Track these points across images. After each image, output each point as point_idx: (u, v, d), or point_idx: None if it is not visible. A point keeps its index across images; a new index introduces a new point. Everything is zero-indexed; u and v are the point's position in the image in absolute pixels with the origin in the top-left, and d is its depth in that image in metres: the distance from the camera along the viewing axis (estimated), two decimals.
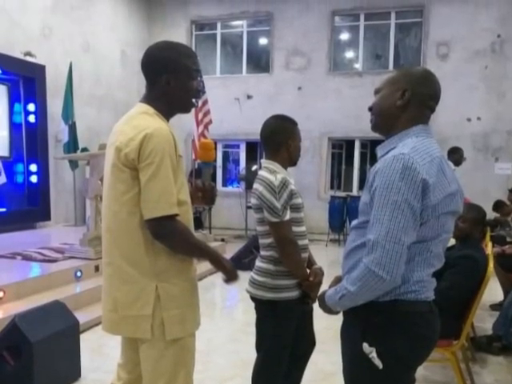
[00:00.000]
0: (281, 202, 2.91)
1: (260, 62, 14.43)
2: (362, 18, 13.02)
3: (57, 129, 10.58)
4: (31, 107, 10.09)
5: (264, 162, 3.14)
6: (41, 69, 10.11)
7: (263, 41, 14.32)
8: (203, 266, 3.02)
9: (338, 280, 2.27)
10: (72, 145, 10.37)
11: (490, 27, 11.73)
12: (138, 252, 2.29)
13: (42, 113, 10.19)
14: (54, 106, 10.49)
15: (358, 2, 12.67)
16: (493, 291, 6.37)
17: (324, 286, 2.49)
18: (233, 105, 13.49)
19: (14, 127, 10.04)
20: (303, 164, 11.47)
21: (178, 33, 13.80)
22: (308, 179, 12.77)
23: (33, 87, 10.05)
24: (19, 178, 10.18)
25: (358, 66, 13.47)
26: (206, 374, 4.45)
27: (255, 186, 3.03)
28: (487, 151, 11.93)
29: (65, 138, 10.37)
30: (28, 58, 9.81)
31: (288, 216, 2.95)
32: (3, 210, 9.54)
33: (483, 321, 5.99)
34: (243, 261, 8.09)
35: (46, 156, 10.35)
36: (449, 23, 11.99)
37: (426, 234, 2.02)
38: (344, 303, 2.12)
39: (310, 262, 3.23)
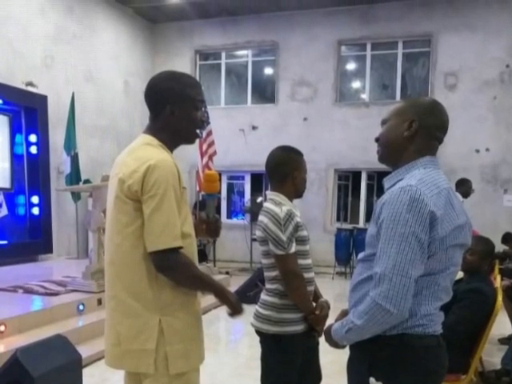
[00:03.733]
0: (286, 234, 2.89)
1: (265, 93, 14.49)
2: (368, 47, 13.00)
3: (59, 160, 10.56)
4: (33, 138, 10.07)
5: (269, 193, 3.13)
6: (42, 99, 10.13)
7: (268, 71, 14.38)
8: (207, 299, 2.99)
9: (344, 314, 2.25)
10: (74, 176, 10.33)
11: (498, 57, 11.66)
12: (141, 285, 2.27)
13: (43, 144, 10.17)
14: (56, 136, 10.52)
15: (364, 31, 12.68)
16: (501, 325, 6.28)
17: (330, 320, 2.47)
18: (238, 136, 13.49)
19: (15, 158, 10.03)
20: (309, 196, 11.43)
21: (182, 62, 13.82)
22: (314, 211, 12.68)
23: (34, 118, 10.05)
24: (21, 210, 10.14)
25: (364, 96, 13.46)
26: None
27: (260, 218, 3.02)
28: (496, 183, 11.78)
29: (67, 169, 10.35)
30: (30, 88, 9.86)
31: (294, 249, 2.93)
32: (4, 242, 9.52)
33: (492, 355, 5.90)
34: (248, 294, 8.02)
35: (47, 188, 10.30)
36: (457, 53, 11.94)
37: (433, 267, 2.00)
38: (350, 337, 2.10)
39: (316, 296, 3.19)
